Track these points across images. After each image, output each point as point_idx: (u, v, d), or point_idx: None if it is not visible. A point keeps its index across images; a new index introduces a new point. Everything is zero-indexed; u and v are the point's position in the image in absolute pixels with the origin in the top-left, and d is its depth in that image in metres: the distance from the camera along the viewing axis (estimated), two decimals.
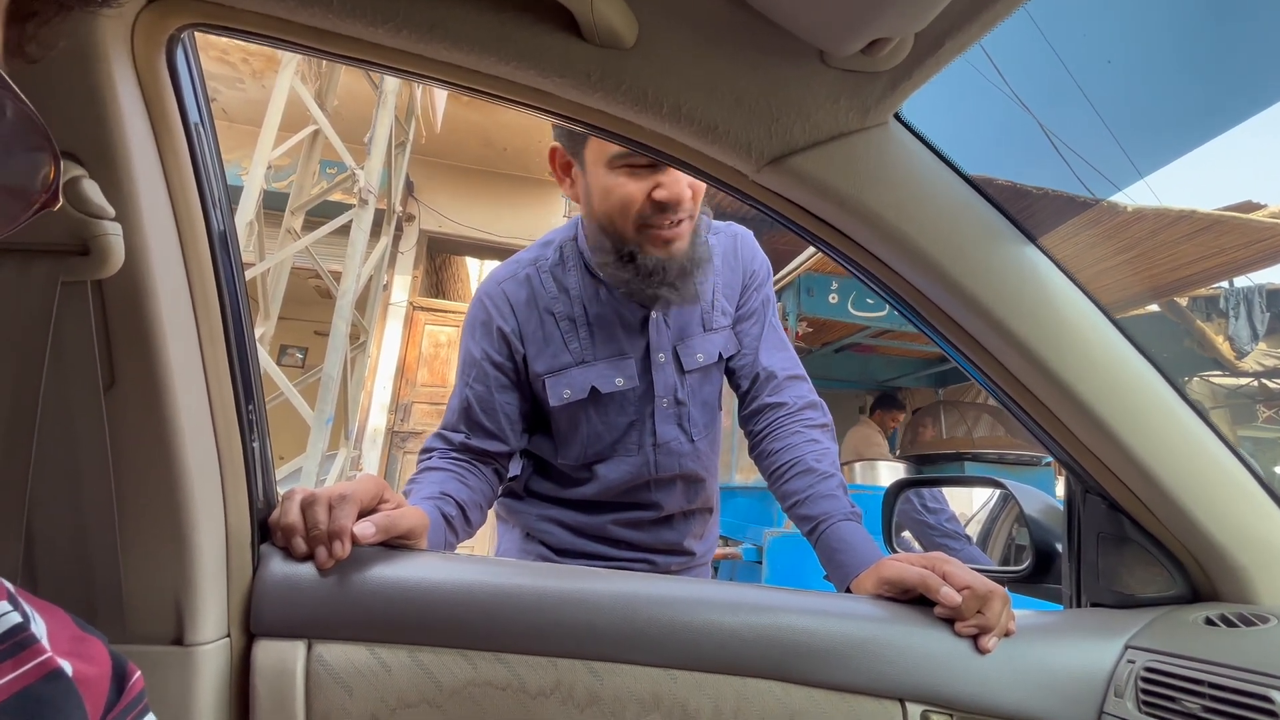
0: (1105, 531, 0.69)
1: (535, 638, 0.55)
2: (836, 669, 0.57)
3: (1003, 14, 0.42)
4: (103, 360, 0.45)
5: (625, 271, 0.87)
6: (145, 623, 0.49)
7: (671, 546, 1.03)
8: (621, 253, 0.86)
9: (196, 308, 0.50)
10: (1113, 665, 0.58)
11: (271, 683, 0.51)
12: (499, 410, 0.92)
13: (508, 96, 0.50)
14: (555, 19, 0.45)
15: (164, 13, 0.44)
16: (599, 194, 0.85)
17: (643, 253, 0.85)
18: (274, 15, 0.44)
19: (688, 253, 0.86)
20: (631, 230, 0.84)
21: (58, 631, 0.32)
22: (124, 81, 0.43)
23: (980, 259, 0.57)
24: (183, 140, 0.48)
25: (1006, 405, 0.66)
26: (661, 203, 0.81)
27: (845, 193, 0.52)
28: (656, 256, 0.85)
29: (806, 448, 0.89)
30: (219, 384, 0.52)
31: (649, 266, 0.85)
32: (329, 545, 0.55)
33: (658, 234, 0.84)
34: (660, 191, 0.81)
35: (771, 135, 0.50)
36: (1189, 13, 5.91)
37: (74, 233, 0.41)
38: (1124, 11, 6.32)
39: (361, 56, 0.47)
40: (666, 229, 0.83)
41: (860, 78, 0.47)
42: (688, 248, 0.86)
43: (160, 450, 0.47)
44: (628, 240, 0.85)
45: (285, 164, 4.80)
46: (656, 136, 0.51)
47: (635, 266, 0.86)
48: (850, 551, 0.76)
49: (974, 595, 0.59)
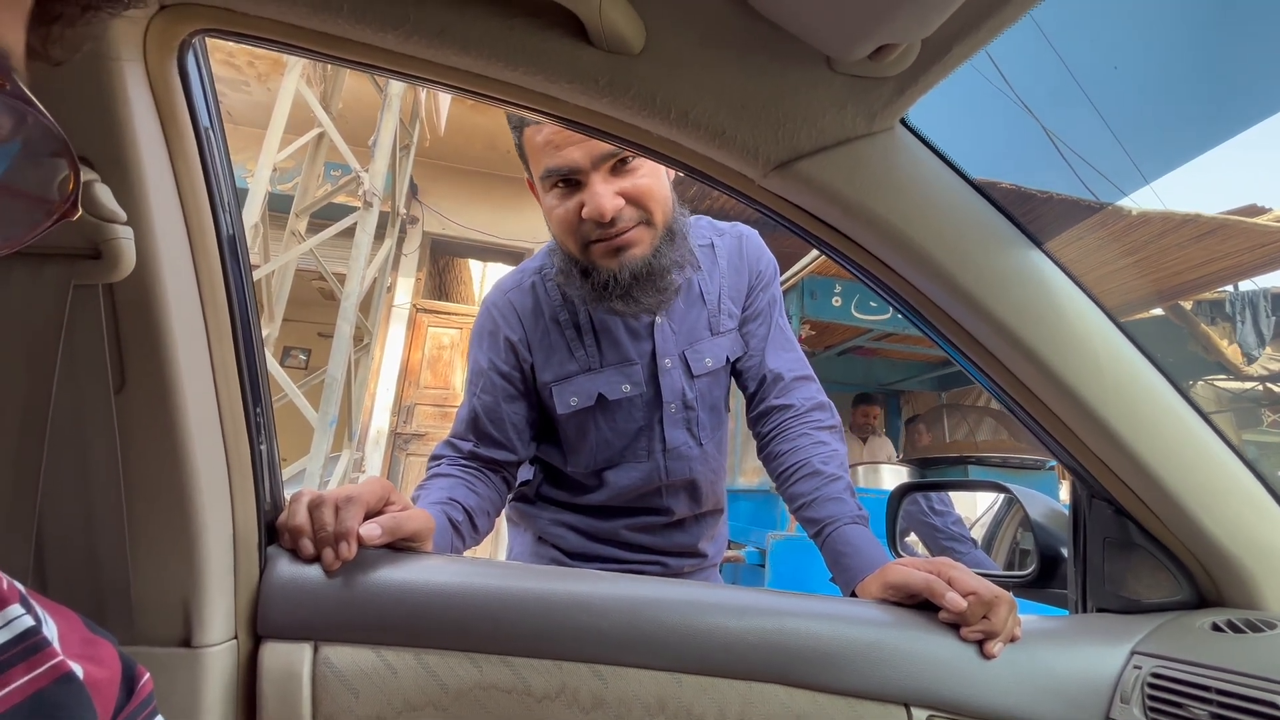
0: (1111, 536, 0.69)
1: (540, 641, 0.55)
2: (842, 673, 0.57)
3: (1009, 20, 0.42)
4: (113, 363, 0.45)
5: (582, 287, 0.86)
6: (153, 624, 0.49)
7: (684, 549, 1.02)
8: (576, 267, 0.86)
9: (205, 310, 0.50)
10: (1119, 671, 0.58)
11: (278, 685, 0.52)
12: (506, 420, 0.92)
13: (516, 101, 0.50)
14: (563, 24, 0.45)
15: (177, 18, 0.44)
16: (545, 214, 0.85)
17: (594, 266, 0.84)
18: (285, 21, 0.45)
19: (644, 260, 0.83)
20: (577, 246, 0.84)
21: (69, 634, 0.32)
22: (136, 86, 0.44)
23: (986, 264, 0.57)
24: (193, 144, 0.48)
25: (1012, 410, 0.66)
26: (591, 219, 0.80)
27: (851, 198, 0.52)
28: (607, 268, 0.83)
29: (814, 450, 0.89)
30: (227, 386, 0.52)
31: (601, 279, 0.84)
32: (335, 547, 0.55)
33: (603, 246, 0.82)
34: (585, 209, 0.80)
35: (778, 140, 0.50)
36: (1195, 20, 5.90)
37: (86, 237, 0.41)
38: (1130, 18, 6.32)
39: (371, 62, 0.48)
40: (613, 239, 0.82)
41: (867, 83, 0.48)
42: (646, 254, 0.83)
43: (169, 452, 0.48)
44: (577, 256, 0.85)
45: (290, 166, 4.82)
46: (664, 141, 0.52)
47: (590, 281, 0.85)
48: (856, 555, 0.76)
49: (979, 601, 0.59)
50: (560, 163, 0.79)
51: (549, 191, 0.83)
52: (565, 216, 0.82)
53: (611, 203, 0.79)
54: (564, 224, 0.83)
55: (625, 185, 0.80)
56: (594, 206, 0.79)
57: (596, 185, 0.79)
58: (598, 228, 0.81)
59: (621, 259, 0.82)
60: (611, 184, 0.79)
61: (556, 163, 0.79)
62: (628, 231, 0.82)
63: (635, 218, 0.82)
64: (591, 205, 0.79)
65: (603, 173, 0.79)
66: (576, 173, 0.79)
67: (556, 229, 0.85)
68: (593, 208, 0.79)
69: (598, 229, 0.81)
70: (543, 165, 0.80)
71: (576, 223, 0.81)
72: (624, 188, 0.80)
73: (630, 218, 0.81)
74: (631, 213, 0.81)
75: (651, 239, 0.84)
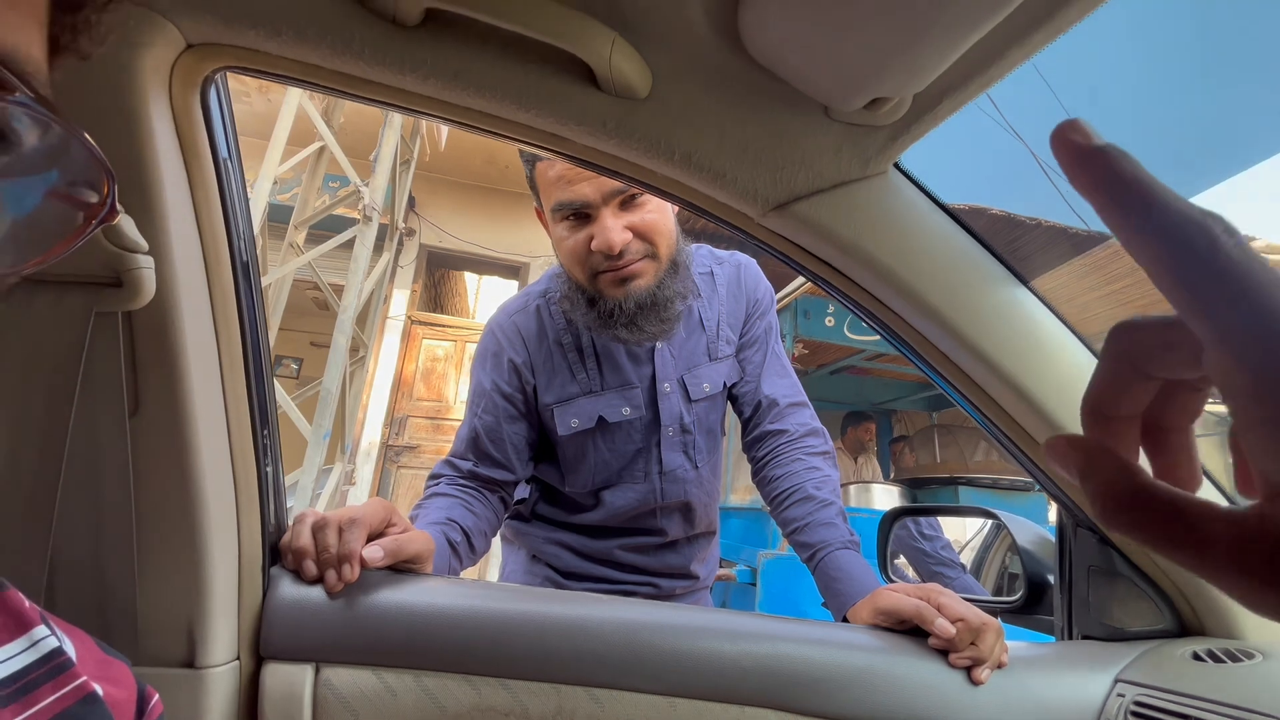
0: (1096, 565, 0.70)
1: (538, 663, 0.56)
2: (833, 698, 0.58)
3: (996, 78, 0.44)
4: (129, 387, 0.47)
5: (589, 315, 0.89)
6: (157, 645, 0.50)
7: (676, 570, 1.04)
8: (583, 295, 0.89)
9: (219, 336, 0.52)
10: (1103, 699, 0.60)
11: (279, 706, 0.52)
12: (506, 441, 0.93)
13: (527, 140, 0.52)
14: (574, 70, 0.47)
15: (203, 57, 0.46)
16: (555, 244, 0.89)
17: (601, 295, 0.87)
18: (308, 61, 0.47)
19: (650, 290, 0.87)
20: (585, 277, 0.87)
21: (85, 655, 0.33)
22: (160, 120, 0.45)
23: (973, 300, 0.59)
24: (213, 175, 0.50)
25: (998, 439, 0.68)
26: (600, 251, 0.83)
27: (845, 238, 0.55)
28: (614, 298, 0.86)
29: (807, 475, 0.91)
30: (237, 410, 0.54)
31: (607, 308, 0.87)
32: (339, 569, 0.56)
33: (610, 277, 0.85)
34: (594, 241, 0.83)
35: (777, 182, 0.52)
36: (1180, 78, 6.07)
37: (108, 265, 0.43)
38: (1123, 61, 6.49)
39: (388, 100, 0.50)
40: (620, 270, 0.85)
41: (861, 130, 0.50)
42: (651, 285, 0.87)
43: (180, 475, 0.49)
44: (585, 285, 0.88)
45: (289, 177, 4.84)
46: (668, 181, 0.54)
47: (596, 309, 0.88)
48: (847, 580, 0.78)
49: (968, 627, 0.60)
50: (572, 197, 0.82)
51: (559, 223, 0.86)
52: (575, 248, 0.85)
53: (620, 236, 0.82)
54: (573, 255, 0.86)
55: (633, 220, 0.84)
56: (603, 240, 0.82)
57: (606, 219, 0.82)
58: (605, 259, 0.84)
59: (627, 289, 0.86)
60: (620, 218, 0.83)
61: (568, 197, 0.82)
62: (634, 264, 0.85)
63: (641, 251, 0.85)
64: (601, 238, 0.82)
65: (612, 208, 0.83)
66: (587, 207, 0.83)
67: (565, 259, 0.88)
68: (602, 241, 0.82)
69: (605, 260, 0.84)
70: (554, 199, 0.84)
71: (585, 254, 0.85)
72: (632, 222, 0.84)
73: (637, 251, 0.85)
74: (638, 246, 0.85)
75: (656, 271, 0.87)
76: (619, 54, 0.45)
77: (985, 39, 0.40)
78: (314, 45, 0.45)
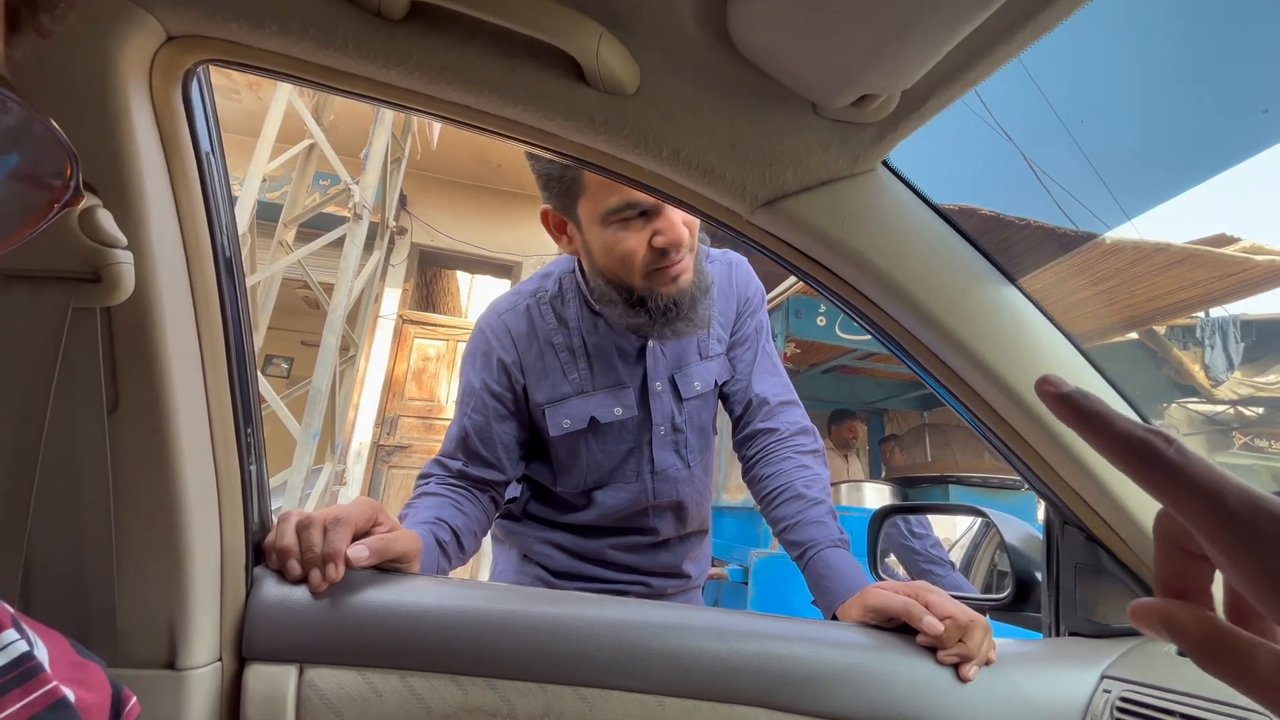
0: (1083, 562, 0.71)
1: (525, 663, 0.56)
2: (822, 696, 0.58)
3: (983, 75, 0.44)
4: (107, 384, 0.46)
5: (638, 316, 0.88)
6: (138, 646, 0.49)
7: (668, 569, 1.03)
8: (631, 300, 0.88)
9: (200, 332, 0.51)
10: (1089, 695, 0.60)
11: (262, 708, 0.51)
12: (496, 440, 0.93)
13: (514, 136, 0.52)
14: (561, 65, 0.47)
15: (184, 49, 0.45)
16: (600, 250, 0.86)
17: (653, 296, 0.86)
18: (291, 54, 0.46)
19: (694, 282, 0.88)
20: (639, 279, 0.86)
21: (59, 658, 0.32)
22: (140, 114, 0.44)
23: (961, 297, 0.59)
24: (194, 169, 0.49)
25: (987, 438, 0.68)
26: (662, 248, 0.83)
27: (834, 235, 0.55)
28: (667, 295, 0.86)
29: (797, 474, 0.91)
30: (220, 407, 0.53)
31: (661, 306, 0.86)
32: (323, 568, 0.55)
33: (665, 274, 0.85)
34: (659, 238, 0.83)
35: (765, 179, 0.52)
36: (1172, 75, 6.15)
37: (87, 260, 0.42)
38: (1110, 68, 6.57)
39: (372, 94, 0.49)
40: (673, 265, 0.85)
41: (850, 128, 0.50)
42: (691, 279, 0.88)
43: (160, 473, 0.48)
44: (636, 288, 0.87)
45: (279, 175, 4.80)
46: (656, 177, 0.54)
47: (647, 310, 0.87)
48: (837, 579, 0.78)
49: (956, 625, 0.61)
50: (639, 198, 0.81)
51: (610, 226, 0.84)
52: (632, 249, 0.84)
53: (684, 230, 0.83)
54: (627, 257, 0.84)
55: (683, 215, 0.84)
56: (674, 235, 0.82)
57: (672, 215, 0.83)
58: (662, 256, 0.84)
59: (679, 285, 0.86)
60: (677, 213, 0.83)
61: (636, 197, 0.81)
62: (685, 259, 0.86)
63: (691, 245, 0.86)
64: (672, 234, 0.82)
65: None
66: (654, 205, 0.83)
67: (616, 262, 0.86)
68: (673, 236, 0.82)
69: (663, 258, 0.84)
70: (614, 200, 0.82)
71: (645, 252, 0.84)
72: (684, 218, 0.84)
73: (689, 245, 0.86)
74: (690, 240, 0.86)
75: (693, 265, 0.88)
76: (606, 49, 0.44)
77: (972, 36, 0.40)
78: (297, 38, 0.44)
